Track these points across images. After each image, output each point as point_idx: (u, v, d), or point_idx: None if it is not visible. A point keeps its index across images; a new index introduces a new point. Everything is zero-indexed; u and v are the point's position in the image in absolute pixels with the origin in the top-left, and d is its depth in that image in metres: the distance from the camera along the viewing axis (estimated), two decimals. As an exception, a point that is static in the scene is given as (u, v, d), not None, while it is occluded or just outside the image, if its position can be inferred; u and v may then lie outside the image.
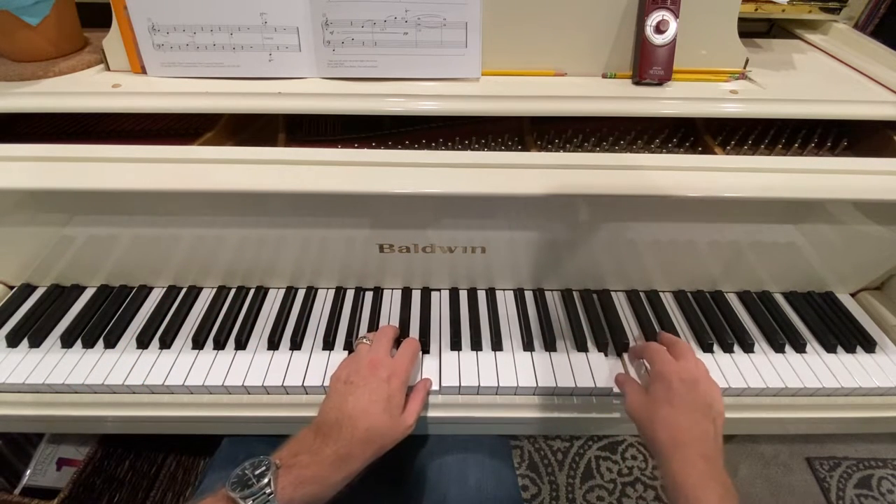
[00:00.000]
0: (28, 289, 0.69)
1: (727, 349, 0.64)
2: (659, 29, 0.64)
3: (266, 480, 0.43)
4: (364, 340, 0.57)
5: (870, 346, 0.64)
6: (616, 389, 0.58)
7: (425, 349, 0.63)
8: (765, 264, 0.68)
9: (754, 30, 0.93)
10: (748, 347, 0.64)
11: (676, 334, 0.64)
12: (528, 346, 0.63)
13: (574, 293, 0.70)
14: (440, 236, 0.63)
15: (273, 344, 0.62)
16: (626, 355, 0.63)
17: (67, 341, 0.62)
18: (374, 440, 0.48)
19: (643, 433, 0.50)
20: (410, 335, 0.63)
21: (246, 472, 0.43)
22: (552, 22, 0.66)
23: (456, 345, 0.63)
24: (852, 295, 0.73)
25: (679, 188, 0.56)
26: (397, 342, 0.59)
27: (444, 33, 0.64)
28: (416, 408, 0.54)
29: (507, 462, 0.65)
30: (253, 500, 0.42)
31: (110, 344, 0.62)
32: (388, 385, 0.51)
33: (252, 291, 0.69)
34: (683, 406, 0.48)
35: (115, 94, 0.63)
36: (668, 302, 0.70)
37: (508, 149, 0.71)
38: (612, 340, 0.64)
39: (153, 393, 0.59)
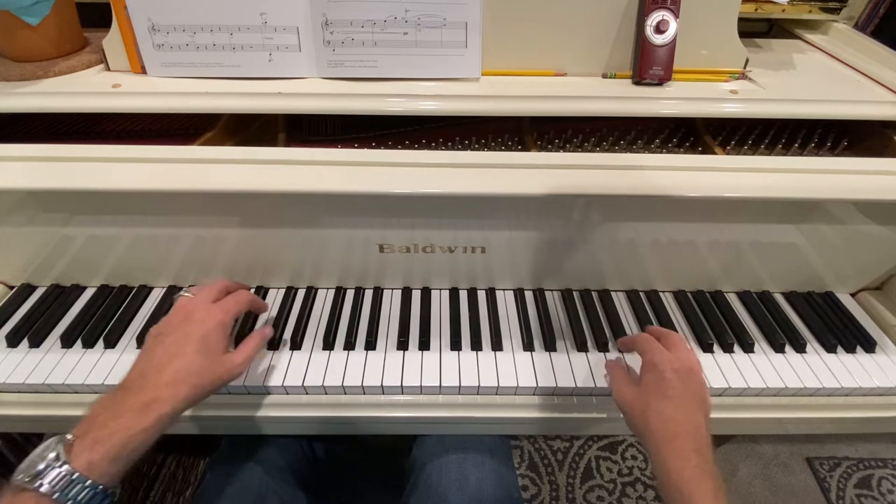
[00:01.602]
0: (28, 289, 0.69)
1: (727, 349, 0.64)
2: (659, 29, 0.64)
3: (54, 455, 0.38)
4: (184, 293, 0.53)
5: (870, 346, 0.64)
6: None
7: (425, 348, 0.63)
8: (765, 264, 0.68)
9: (754, 30, 0.93)
10: (748, 347, 0.64)
11: (676, 334, 0.64)
12: (528, 346, 0.63)
13: (574, 293, 0.70)
14: (440, 236, 0.63)
15: (272, 344, 0.62)
16: (625, 355, 0.63)
17: (67, 341, 0.62)
18: (185, 381, 0.45)
19: (633, 424, 0.50)
20: (410, 335, 0.64)
21: (34, 455, 0.38)
22: (552, 22, 0.66)
23: (456, 345, 0.63)
24: (852, 295, 0.73)
25: (679, 188, 0.56)
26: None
27: (444, 33, 0.64)
28: (248, 349, 0.51)
29: (507, 462, 0.65)
30: (42, 478, 0.37)
31: (110, 344, 0.62)
32: (203, 326, 0.48)
33: (251, 292, 0.69)
34: (677, 397, 0.47)
35: (115, 94, 0.63)
36: (668, 302, 0.70)
37: (508, 149, 0.71)
38: (612, 340, 0.64)
39: (153, 393, 0.59)
